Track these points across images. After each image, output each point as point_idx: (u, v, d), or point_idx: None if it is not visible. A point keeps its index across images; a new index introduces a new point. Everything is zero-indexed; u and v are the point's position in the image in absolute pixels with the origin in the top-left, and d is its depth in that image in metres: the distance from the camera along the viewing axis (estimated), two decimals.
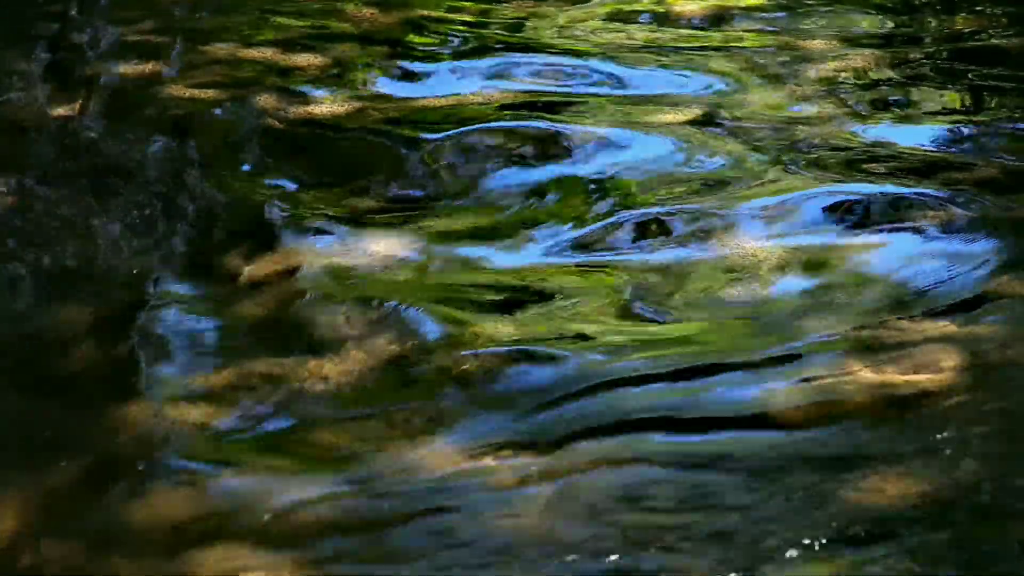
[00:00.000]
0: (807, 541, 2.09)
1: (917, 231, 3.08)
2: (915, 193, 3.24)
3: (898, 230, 3.09)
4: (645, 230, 3.15)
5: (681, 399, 2.49)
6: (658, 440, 2.38)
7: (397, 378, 2.59)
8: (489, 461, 2.33)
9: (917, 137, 3.66)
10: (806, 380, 2.51)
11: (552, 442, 2.38)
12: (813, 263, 2.96)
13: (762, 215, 3.17)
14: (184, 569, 2.11)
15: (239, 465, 2.37)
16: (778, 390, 2.48)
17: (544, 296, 2.88)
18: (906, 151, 3.55)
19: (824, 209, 3.20)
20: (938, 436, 2.32)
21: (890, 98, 3.96)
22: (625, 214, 3.23)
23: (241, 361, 2.64)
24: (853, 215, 3.17)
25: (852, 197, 3.24)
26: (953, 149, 3.60)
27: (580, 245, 3.10)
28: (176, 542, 2.17)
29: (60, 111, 3.87)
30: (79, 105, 3.90)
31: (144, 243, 3.14)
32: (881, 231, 3.09)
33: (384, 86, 4.08)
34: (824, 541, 2.09)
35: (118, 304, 2.89)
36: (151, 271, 3.02)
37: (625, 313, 2.81)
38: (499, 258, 3.07)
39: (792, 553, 2.07)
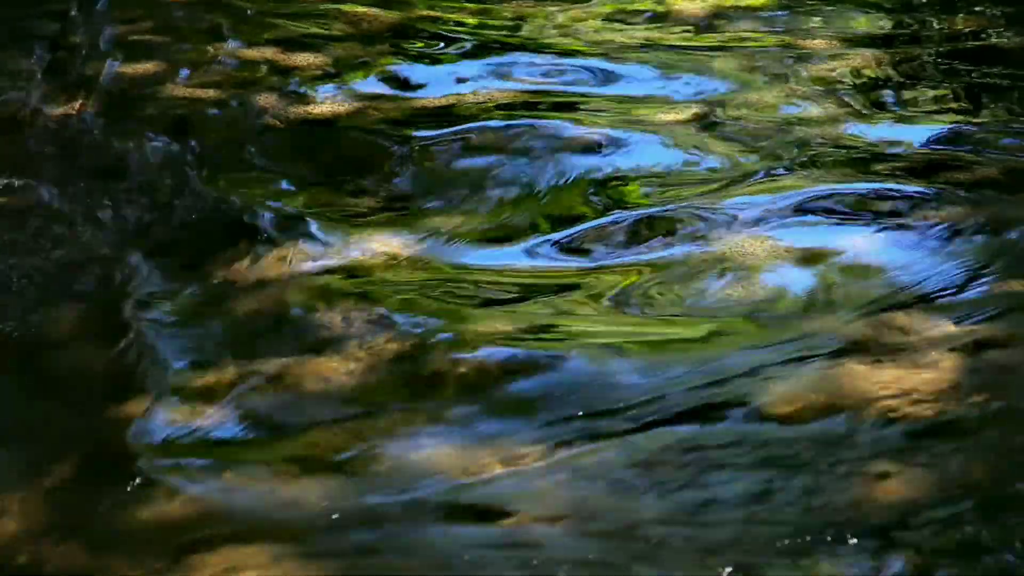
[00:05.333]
0: (807, 539, 2.09)
1: (917, 230, 3.09)
2: (915, 192, 3.25)
3: (898, 229, 3.09)
4: (644, 229, 3.15)
5: (681, 398, 2.49)
6: (658, 439, 2.38)
7: (397, 378, 2.59)
8: (489, 461, 2.33)
9: (917, 136, 3.66)
10: (805, 379, 2.51)
11: (552, 441, 2.38)
12: (813, 262, 2.96)
13: (762, 214, 3.17)
14: (184, 569, 2.11)
15: (239, 465, 2.37)
16: (777, 389, 2.48)
17: (543, 295, 2.88)
18: (906, 150, 3.55)
19: (824, 208, 3.20)
20: (938, 435, 2.32)
21: (890, 98, 3.96)
22: (624, 213, 3.23)
23: (241, 361, 2.64)
24: (853, 214, 3.17)
25: (852, 196, 3.24)
26: (953, 148, 3.60)
27: (579, 244, 3.10)
28: (176, 542, 2.17)
29: (60, 111, 3.87)
30: (79, 105, 3.90)
31: (144, 243, 3.14)
32: (881, 230, 3.09)
33: (384, 86, 4.08)
34: (824, 540, 2.09)
35: (118, 304, 2.89)
36: (151, 270, 3.02)
37: (625, 312, 2.81)
38: (498, 257, 3.07)
39: (791, 552, 2.07)
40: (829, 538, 2.10)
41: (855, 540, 2.09)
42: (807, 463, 2.29)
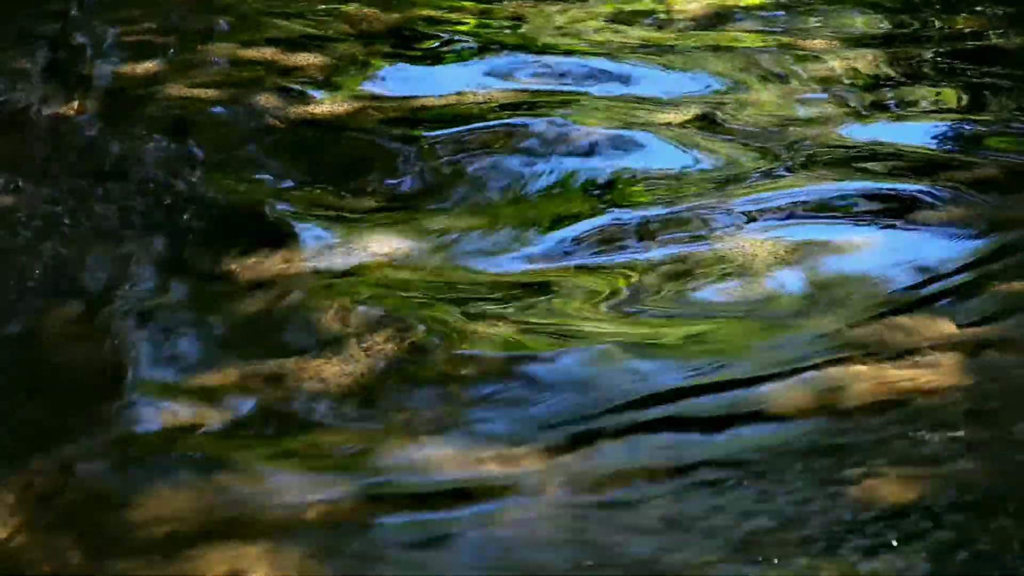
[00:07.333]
0: (806, 540, 2.09)
1: (917, 230, 3.09)
2: (915, 192, 3.25)
3: (898, 229, 3.10)
4: (644, 229, 3.15)
5: (680, 398, 2.49)
6: (658, 439, 2.39)
7: (397, 378, 2.59)
8: (489, 461, 2.33)
9: (916, 136, 3.66)
10: (805, 379, 2.51)
11: (553, 442, 2.38)
12: (812, 262, 2.96)
13: (761, 214, 3.17)
14: (184, 569, 2.11)
15: (239, 465, 2.37)
16: (777, 389, 2.48)
17: (543, 295, 2.88)
18: (905, 150, 3.55)
19: (824, 208, 3.20)
20: (937, 435, 2.32)
21: (889, 97, 3.96)
22: (624, 213, 3.23)
23: (241, 361, 2.64)
24: (852, 214, 3.17)
25: (852, 196, 3.24)
26: (952, 148, 3.60)
27: (579, 244, 3.10)
28: (176, 542, 2.17)
29: (60, 111, 3.87)
30: (79, 105, 3.90)
31: (143, 242, 3.14)
32: (880, 230, 3.09)
33: (384, 86, 4.08)
34: (824, 540, 2.09)
35: (117, 304, 2.89)
36: (150, 270, 3.02)
37: (625, 312, 2.81)
38: (498, 257, 3.07)
39: (791, 552, 2.07)
40: (829, 539, 2.10)
41: (855, 541, 2.09)
42: (806, 463, 2.29)
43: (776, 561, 2.06)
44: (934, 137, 3.66)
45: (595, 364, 2.61)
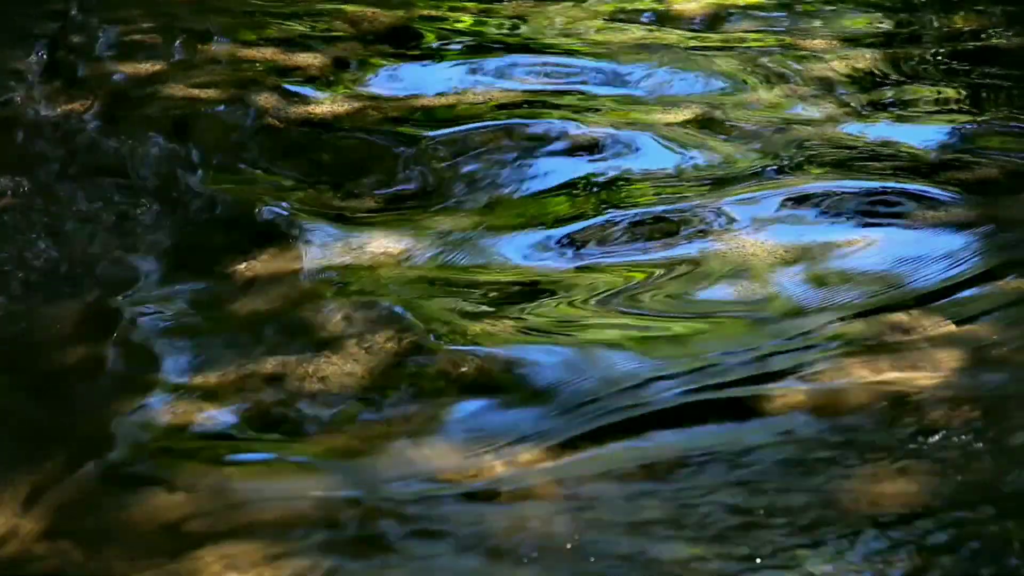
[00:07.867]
0: (805, 540, 2.09)
1: (916, 230, 3.09)
2: (915, 192, 3.25)
3: (897, 229, 3.10)
4: (644, 229, 3.15)
5: (679, 398, 2.49)
6: (657, 438, 2.39)
7: (397, 378, 2.59)
8: (489, 461, 2.33)
9: (916, 136, 3.66)
10: (804, 378, 2.51)
11: (552, 441, 2.38)
12: (812, 261, 2.97)
13: (761, 214, 3.17)
14: (184, 569, 2.11)
15: (238, 465, 2.37)
16: (776, 388, 2.48)
17: (543, 295, 2.88)
18: (905, 150, 3.55)
19: (823, 208, 3.20)
20: (937, 435, 2.32)
21: (890, 97, 3.96)
22: (624, 213, 3.23)
23: (241, 361, 2.64)
24: (852, 214, 3.17)
25: (852, 196, 3.24)
26: (953, 148, 3.60)
27: (579, 244, 3.10)
28: (176, 542, 2.17)
29: (60, 111, 3.88)
30: (79, 105, 3.90)
31: (143, 243, 3.14)
32: (880, 230, 3.09)
33: (384, 86, 4.08)
34: (822, 540, 2.09)
35: (117, 304, 2.89)
36: (150, 270, 3.03)
37: (624, 312, 2.81)
38: (498, 257, 3.07)
39: (790, 552, 2.07)
40: (828, 538, 2.10)
41: (854, 540, 2.09)
42: (806, 463, 2.29)
43: (774, 561, 2.06)
44: (934, 137, 3.66)
45: (594, 364, 2.61)
